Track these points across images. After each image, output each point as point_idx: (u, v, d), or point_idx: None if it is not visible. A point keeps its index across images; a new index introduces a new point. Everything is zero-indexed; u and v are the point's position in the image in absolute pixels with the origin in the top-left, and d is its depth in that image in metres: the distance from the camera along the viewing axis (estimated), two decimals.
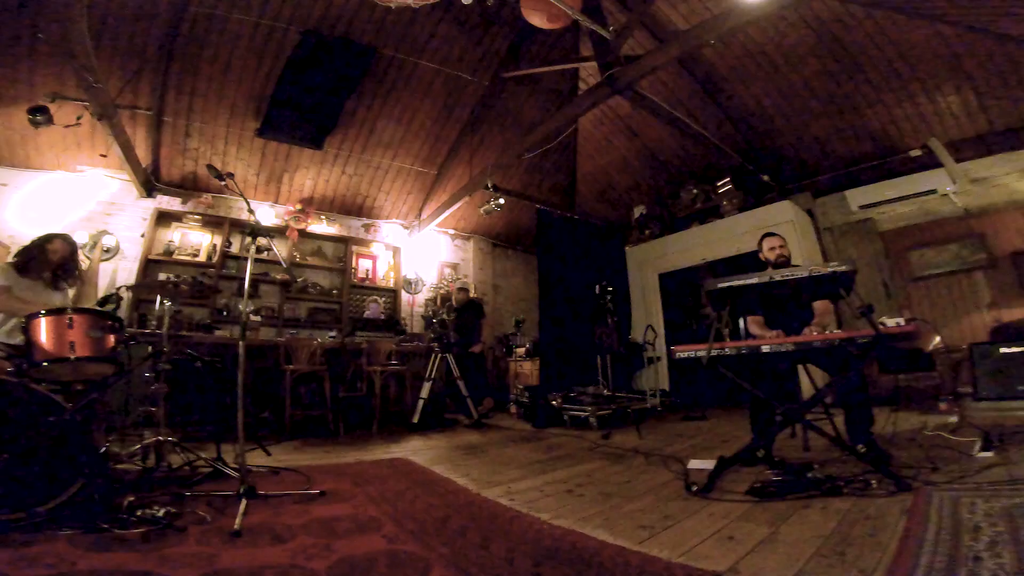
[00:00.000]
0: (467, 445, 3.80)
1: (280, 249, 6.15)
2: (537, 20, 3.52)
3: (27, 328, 2.05)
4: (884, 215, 5.45)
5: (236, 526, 1.65)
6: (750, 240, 5.65)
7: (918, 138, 5.04)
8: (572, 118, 4.97)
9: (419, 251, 7.44)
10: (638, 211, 7.48)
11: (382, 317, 6.84)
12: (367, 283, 6.93)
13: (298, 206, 6.37)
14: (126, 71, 4.55)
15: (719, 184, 6.36)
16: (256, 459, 2.89)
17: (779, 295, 2.47)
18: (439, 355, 4.98)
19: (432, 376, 4.86)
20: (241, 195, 2.72)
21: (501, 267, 8.40)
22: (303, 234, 6.47)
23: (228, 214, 6.01)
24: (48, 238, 2.74)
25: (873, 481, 1.94)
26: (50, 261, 2.70)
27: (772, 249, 3.00)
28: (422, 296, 7.34)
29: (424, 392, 4.76)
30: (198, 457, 2.58)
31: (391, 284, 7.13)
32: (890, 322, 2.14)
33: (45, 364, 2.01)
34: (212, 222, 5.94)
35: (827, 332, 2.28)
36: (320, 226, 6.64)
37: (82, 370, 2.17)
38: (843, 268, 2.07)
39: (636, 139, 6.61)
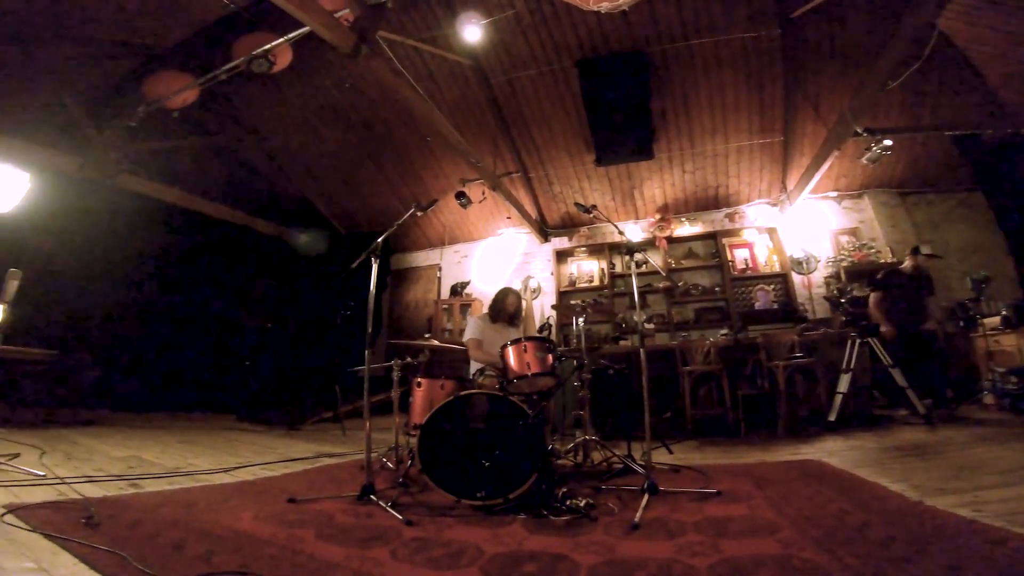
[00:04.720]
0: (908, 445, 3.10)
1: (655, 259, 6.65)
2: None
3: (502, 356, 2.84)
4: None
5: (636, 519, 1.85)
6: None
7: None
8: (926, 22, 3.56)
9: (800, 225, 6.49)
10: None
11: (775, 306, 6.26)
12: (748, 273, 6.54)
13: (657, 215, 6.76)
14: (488, 146, 6.15)
15: None
16: (659, 457, 3.17)
17: None
18: (857, 340, 4.11)
19: (851, 366, 4.04)
20: (608, 220, 3.19)
21: (924, 217, 6.17)
22: (670, 240, 6.79)
23: (604, 240, 7.07)
24: (505, 293, 3.71)
25: None
26: (508, 308, 3.66)
27: None
28: (818, 275, 6.23)
29: (842, 386, 4.02)
30: (612, 454, 3.04)
31: (776, 268, 6.46)
32: None
33: (515, 381, 2.72)
34: (595, 250, 7.13)
35: None
36: (683, 228, 6.80)
37: (535, 383, 2.78)
38: None
39: None
